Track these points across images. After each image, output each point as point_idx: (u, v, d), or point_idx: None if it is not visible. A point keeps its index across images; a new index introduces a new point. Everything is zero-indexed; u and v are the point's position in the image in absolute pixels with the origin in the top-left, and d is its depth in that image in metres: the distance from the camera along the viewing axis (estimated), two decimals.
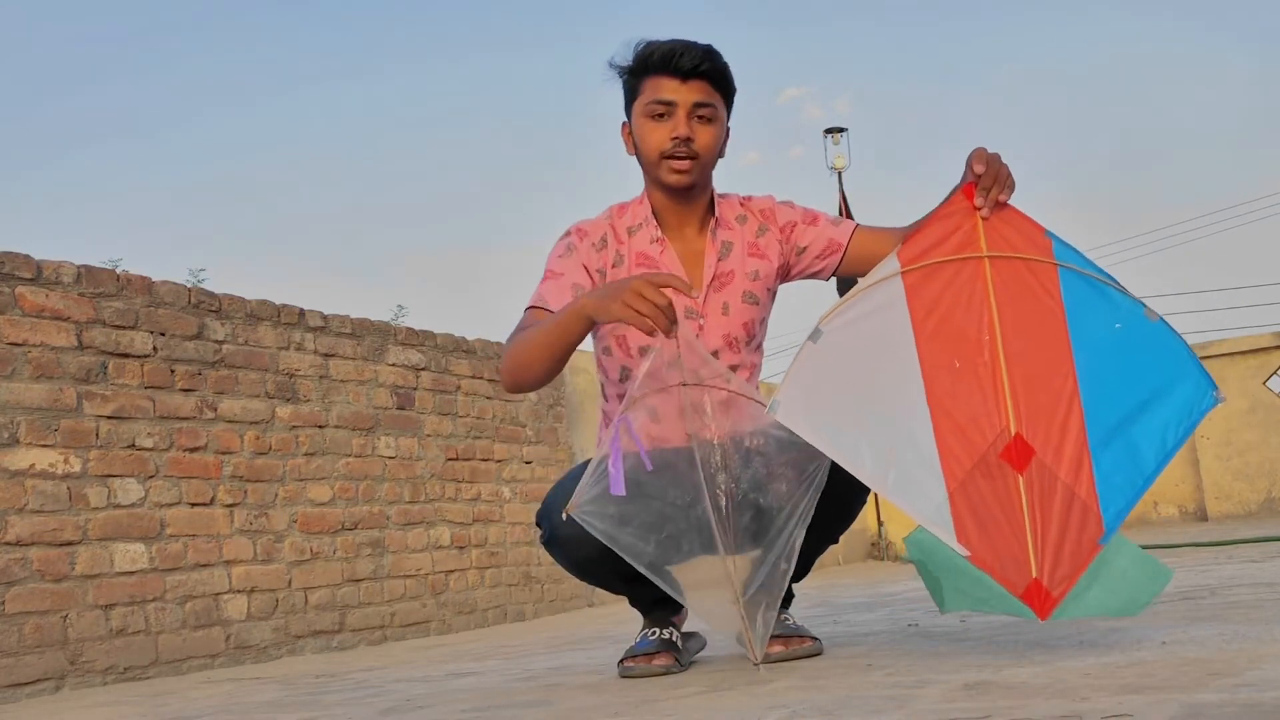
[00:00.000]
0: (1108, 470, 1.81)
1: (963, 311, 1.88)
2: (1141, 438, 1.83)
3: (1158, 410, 1.84)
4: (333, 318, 4.73)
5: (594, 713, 1.72)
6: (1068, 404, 1.84)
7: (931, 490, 1.81)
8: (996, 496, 1.80)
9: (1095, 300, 1.87)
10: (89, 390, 3.66)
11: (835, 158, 11.60)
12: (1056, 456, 1.81)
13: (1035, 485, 1.80)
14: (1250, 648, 1.62)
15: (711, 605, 1.97)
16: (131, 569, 3.69)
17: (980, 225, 1.90)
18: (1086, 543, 1.78)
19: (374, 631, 4.63)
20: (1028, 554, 1.77)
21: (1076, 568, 1.77)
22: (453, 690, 2.35)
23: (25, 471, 3.44)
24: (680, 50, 2.15)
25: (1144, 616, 2.20)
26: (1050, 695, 1.38)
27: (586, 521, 1.91)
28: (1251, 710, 1.16)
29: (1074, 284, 1.87)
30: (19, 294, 3.50)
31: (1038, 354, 1.86)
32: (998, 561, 1.78)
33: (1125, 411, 1.84)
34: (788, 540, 1.94)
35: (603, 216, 2.29)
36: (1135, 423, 1.84)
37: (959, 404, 1.84)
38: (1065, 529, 1.79)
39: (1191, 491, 8.51)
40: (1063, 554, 1.77)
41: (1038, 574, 1.76)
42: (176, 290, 4.03)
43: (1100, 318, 1.87)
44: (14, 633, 3.31)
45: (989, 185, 1.90)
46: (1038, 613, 1.75)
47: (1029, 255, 1.89)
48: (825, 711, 1.46)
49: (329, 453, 4.57)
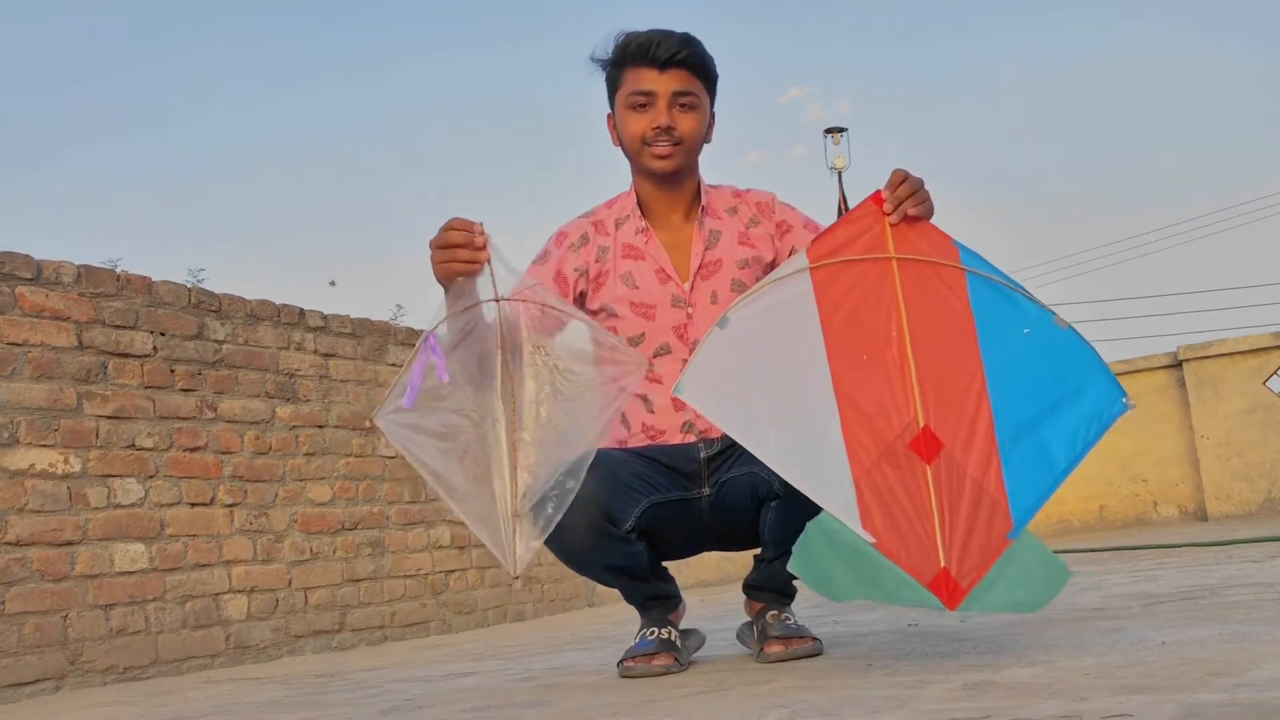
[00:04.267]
0: (1017, 467, 1.83)
1: (870, 309, 1.91)
2: (1052, 438, 1.85)
3: (1068, 413, 1.87)
4: (333, 318, 4.73)
5: (594, 713, 1.72)
6: (976, 402, 1.86)
7: (838, 477, 1.82)
8: (904, 486, 1.81)
9: (1003, 305, 1.91)
10: (89, 390, 3.66)
11: (835, 158, 11.62)
12: (965, 451, 1.83)
13: (944, 477, 1.82)
14: (1250, 648, 1.62)
15: (483, 511, 1.96)
16: (131, 569, 3.69)
17: (889, 230, 1.93)
18: (995, 537, 1.79)
19: (374, 631, 4.63)
20: (936, 543, 1.78)
21: (985, 560, 1.78)
22: (453, 690, 2.35)
23: (25, 471, 3.44)
24: (658, 40, 2.17)
25: (1144, 616, 2.20)
26: (1050, 695, 1.38)
27: (390, 430, 1.94)
28: (1251, 710, 1.16)
29: (981, 289, 1.91)
30: (19, 294, 3.50)
31: (946, 353, 1.88)
32: (904, 549, 1.78)
33: (1035, 412, 1.86)
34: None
35: (585, 215, 2.32)
36: (1045, 423, 1.86)
37: (866, 395, 1.86)
38: (974, 522, 1.80)
39: (1191, 491, 8.51)
40: (971, 546, 1.78)
41: (946, 564, 1.77)
42: (176, 290, 4.03)
43: (1008, 322, 1.90)
44: (14, 633, 3.31)
45: (902, 197, 1.92)
46: (945, 602, 1.76)
47: (936, 259, 1.92)
48: (825, 711, 1.46)
49: (329, 453, 4.57)
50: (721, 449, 2.21)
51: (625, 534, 2.10)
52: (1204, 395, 8.40)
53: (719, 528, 2.24)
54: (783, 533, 2.13)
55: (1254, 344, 8.30)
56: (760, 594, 2.26)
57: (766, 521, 2.13)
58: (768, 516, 2.12)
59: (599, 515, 2.05)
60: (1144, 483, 8.69)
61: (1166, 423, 8.58)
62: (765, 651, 2.11)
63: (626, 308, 2.22)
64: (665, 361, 2.21)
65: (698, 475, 2.21)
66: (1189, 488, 8.53)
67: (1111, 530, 8.58)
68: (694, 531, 2.25)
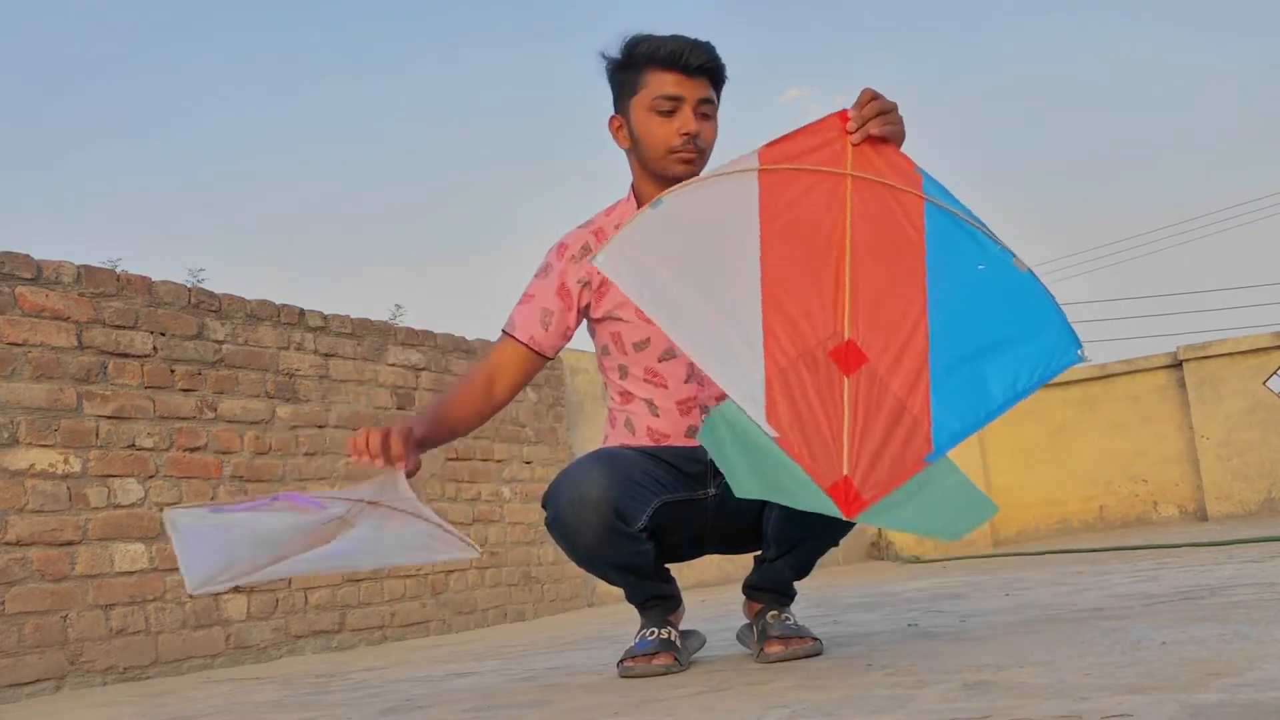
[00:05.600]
0: (949, 393, 1.80)
1: (814, 221, 1.87)
2: (992, 373, 1.83)
3: (1014, 352, 1.84)
4: (333, 318, 4.73)
5: (594, 713, 1.72)
6: (912, 326, 1.83)
7: (749, 368, 1.80)
8: (817, 390, 1.79)
9: (960, 239, 1.87)
10: (89, 390, 3.66)
11: None
12: (892, 370, 1.81)
13: (862, 390, 1.79)
14: (1250, 648, 1.62)
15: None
16: (131, 569, 3.69)
17: (849, 148, 1.89)
18: (910, 457, 1.77)
19: (374, 631, 4.63)
20: (841, 451, 1.76)
21: (895, 477, 1.76)
22: (453, 690, 2.35)
23: (25, 471, 3.44)
24: (688, 47, 2.16)
25: (1144, 616, 2.20)
26: (1050, 695, 1.38)
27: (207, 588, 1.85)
28: (1251, 710, 1.16)
29: (939, 220, 1.87)
30: (19, 294, 3.50)
31: (888, 276, 1.85)
32: (807, 450, 1.76)
33: (978, 345, 1.84)
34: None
35: (584, 225, 2.29)
36: (987, 358, 1.83)
37: (793, 299, 1.83)
38: (889, 438, 1.78)
39: (1191, 491, 8.51)
40: (882, 461, 1.76)
41: (849, 472, 1.75)
42: (176, 290, 4.03)
43: (963, 256, 1.86)
44: (14, 633, 3.31)
45: (868, 116, 1.90)
46: (843, 510, 1.74)
47: (895, 183, 1.88)
48: (825, 711, 1.46)
49: (329, 453, 4.57)
50: None
51: (636, 532, 2.09)
52: (1204, 395, 8.39)
53: (723, 529, 2.24)
54: (786, 530, 2.13)
55: (1254, 344, 8.30)
56: (760, 594, 2.26)
57: (770, 519, 2.13)
58: (771, 513, 2.12)
59: (611, 513, 2.04)
60: (1144, 483, 8.68)
61: (1166, 423, 8.58)
62: (765, 651, 2.11)
63: (630, 313, 2.22)
64: (670, 365, 2.21)
65: (703, 476, 2.21)
66: (1189, 488, 8.53)
67: (1111, 530, 8.58)
68: (698, 533, 2.25)
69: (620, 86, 2.24)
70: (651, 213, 1.85)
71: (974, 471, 9.01)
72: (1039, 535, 8.96)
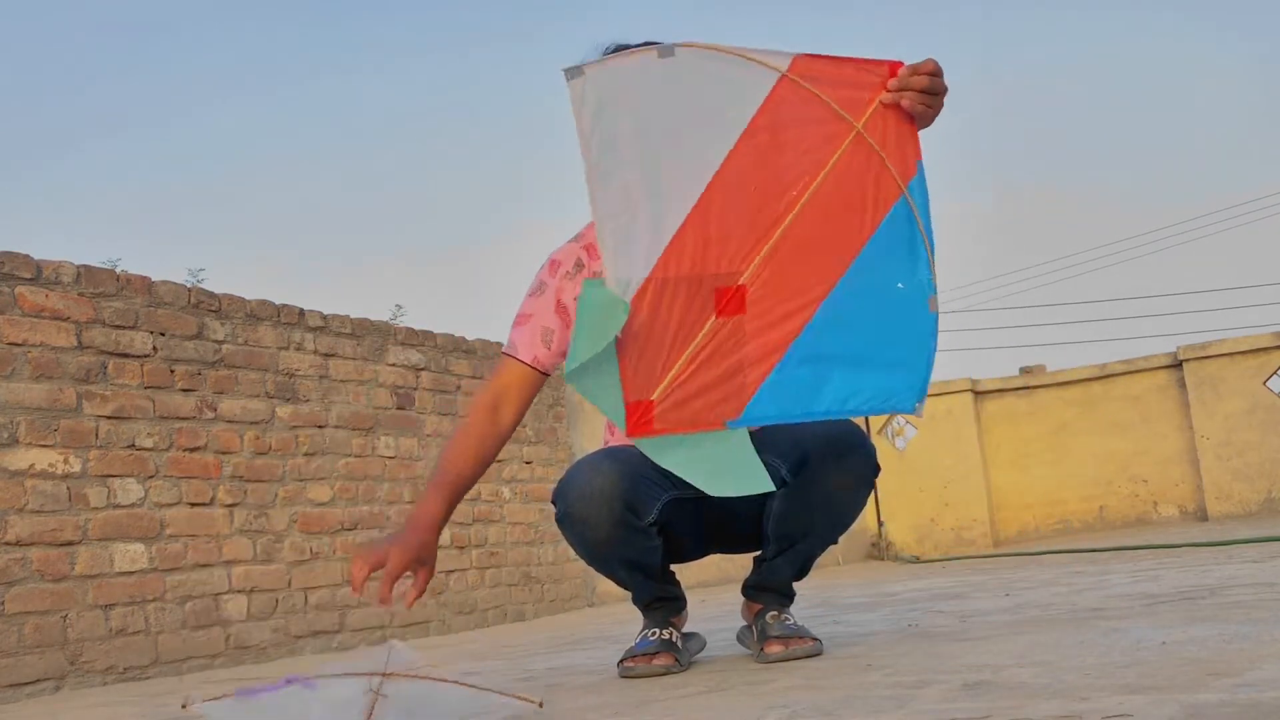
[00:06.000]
0: (785, 382, 1.80)
1: (796, 152, 1.79)
2: (834, 382, 1.81)
3: (866, 375, 1.82)
4: (332, 318, 4.73)
5: (594, 713, 1.72)
6: (803, 305, 1.80)
7: (640, 258, 1.76)
8: (683, 313, 1.76)
9: (902, 249, 1.82)
10: (89, 390, 3.66)
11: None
12: (756, 334, 1.79)
13: (721, 337, 1.77)
14: (1250, 648, 1.62)
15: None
16: (131, 569, 3.69)
17: (876, 102, 1.80)
18: (714, 415, 1.77)
19: (374, 631, 4.63)
20: (664, 378, 1.75)
21: (689, 423, 1.76)
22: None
23: (25, 471, 3.44)
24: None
25: (1144, 616, 2.20)
26: (1050, 695, 1.38)
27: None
28: (1251, 710, 1.16)
29: (899, 221, 1.81)
30: (19, 294, 3.50)
31: (821, 243, 1.80)
32: (635, 359, 1.75)
33: (843, 351, 1.81)
34: None
35: (575, 240, 2.25)
36: (840, 366, 1.82)
37: (721, 219, 1.78)
38: (710, 390, 1.77)
39: (1191, 491, 8.51)
40: (690, 405, 1.76)
41: (656, 398, 1.74)
42: (176, 290, 4.03)
43: (893, 265, 1.82)
44: (14, 633, 3.31)
45: (912, 86, 1.80)
46: (628, 428, 1.74)
47: (889, 162, 1.80)
48: (825, 711, 1.46)
49: (329, 453, 4.57)
50: None
51: (646, 526, 2.09)
52: (1204, 395, 8.39)
53: (726, 527, 2.24)
54: (786, 527, 2.13)
55: (1254, 344, 8.30)
56: (760, 595, 2.26)
57: (770, 513, 2.13)
58: (771, 508, 2.12)
59: (621, 507, 2.04)
60: (1144, 483, 8.68)
61: (1166, 423, 8.58)
62: (765, 651, 2.11)
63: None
64: None
65: None
66: (1189, 488, 8.53)
67: (1111, 530, 8.58)
68: (701, 532, 2.25)
69: None
70: (653, 58, 1.73)
71: (974, 471, 9.02)
72: (1039, 535, 8.96)
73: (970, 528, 9.00)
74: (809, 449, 2.06)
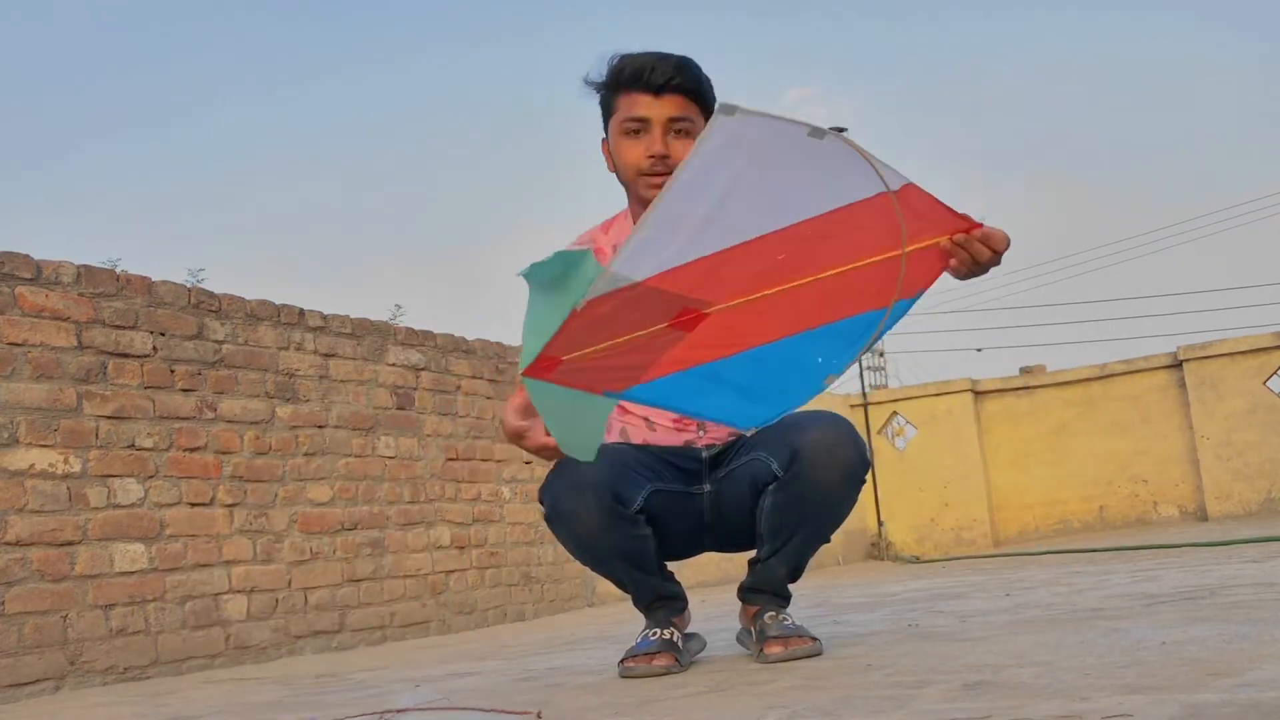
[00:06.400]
0: (676, 380, 1.89)
1: (839, 246, 1.80)
2: (710, 395, 1.94)
3: (741, 399, 1.97)
4: (332, 318, 4.73)
5: (594, 713, 1.72)
6: (739, 347, 1.88)
7: (642, 268, 1.74)
8: (639, 317, 1.78)
9: (845, 340, 1.90)
10: (89, 390, 3.66)
11: None
12: (687, 350, 1.85)
13: (654, 337, 1.81)
14: (1250, 648, 1.62)
15: None
16: (131, 569, 3.69)
17: (933, 242, 1.84)
18: (598, 381, 1.85)
19: (374, 631, 4.63)
20: (584, 349, 1.77)
21: (576, 382, 1.81)
22: (453, 690, 2.35)
23: (25, 471, 3.44)
24: (653, 65, 2.11)
25: (1144, 616, 2.20)
26: (1050, 695, 1.38)
27: None
28: (1251, 710, 1.16)
29: (863, 323, 1.89)
30: (19, 294, 3.50)
31: (792, 313, 1.85)
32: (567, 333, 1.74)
33: (738, 380, 1.93)
34: None
35: (583, 240, 2.26)
36: (729, 389, 1.95)
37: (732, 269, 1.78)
38: (613, 370, 1.84)
39: (1191, 491, 8.51)
40: (589, 374, 1.81)
41: (567, 358, 1.77)
42: (176, 290, 4.03)
43: (828, 345, 1.90)
44: (14, 633, 3.31)
45: (973, 252, 1.82)
46: (530, 370, 1.77)
47: (902, 283, 1.85)
48: (825, 711, 1.46)
49: (329, 453, 4.57)
50: (723, 450, 2.22)
51: (634, 514, 2.10)
52: (1204, 395, 8.40)
53: (720, 525, 2.25)
54: (779, 522, 2.13)
55: (1254, 344, 8.31)
56: (756, 597, 2.26)
57: (763, 510, 2.13)
58: (764, 504, 2.13)
59: (608, 495, 2.06)
60: (1144, 483, 8.69)
61: (1166, 423, 8.59)
62: (765, 652, 2.11)
63: None
64: None
65: (699, 473, 2.22)
66: (1189, 488, 8.53)
67: (1111, 530, 8.58)
68: (695, 529, 2.25)
69: (602, 110, 2.22)
70: (804, 134, 1.70)
71: (974, 471, 9.03)
72: (1039, 535, 8.96)
73: (970, 528, 9.00)
74: (800, 444, 2.07)
